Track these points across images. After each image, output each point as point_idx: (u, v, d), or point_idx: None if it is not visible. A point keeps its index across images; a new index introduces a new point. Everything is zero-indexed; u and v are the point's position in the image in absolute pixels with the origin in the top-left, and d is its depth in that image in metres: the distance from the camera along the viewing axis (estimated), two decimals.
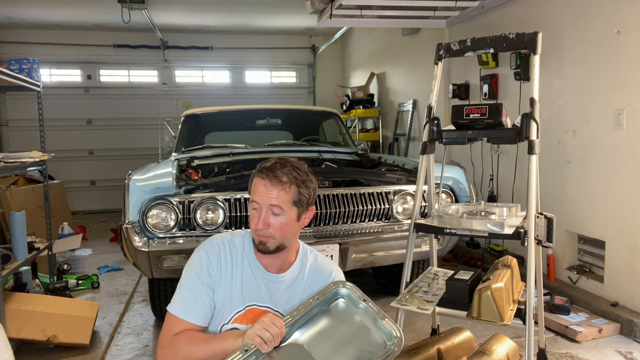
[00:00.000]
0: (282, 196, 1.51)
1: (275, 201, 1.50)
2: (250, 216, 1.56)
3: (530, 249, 1.94)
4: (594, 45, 3.57)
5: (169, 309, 1.55)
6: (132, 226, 2.84)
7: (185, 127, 4.56)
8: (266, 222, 1.51)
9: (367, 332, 1.53)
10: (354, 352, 1.48)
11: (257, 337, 1.38)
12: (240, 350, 1.36)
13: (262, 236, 1.53)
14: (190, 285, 1.55)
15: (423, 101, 6.33)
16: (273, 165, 1.53)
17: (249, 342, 1.39)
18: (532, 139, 1.99)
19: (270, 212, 1.51)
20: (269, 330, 1.39)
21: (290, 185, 1.52)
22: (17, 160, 3.35)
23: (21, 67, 3.82)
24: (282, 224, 1.53)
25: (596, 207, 3.60)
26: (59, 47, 8.58)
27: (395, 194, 3.28)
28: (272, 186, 1.51)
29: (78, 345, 3.16)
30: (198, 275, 1.56)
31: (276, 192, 1.50)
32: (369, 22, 5.50)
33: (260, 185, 1.52)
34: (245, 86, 9.66)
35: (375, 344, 1.50)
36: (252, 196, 1.55)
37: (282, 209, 1.52)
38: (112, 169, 8.62)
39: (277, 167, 1.53)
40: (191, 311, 1.53)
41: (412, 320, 3.39)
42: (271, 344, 1.39)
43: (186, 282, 1.57)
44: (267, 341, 1.38)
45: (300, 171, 1.55)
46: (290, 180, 1.52)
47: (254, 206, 1.54)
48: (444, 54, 2.30)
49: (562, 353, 2.96)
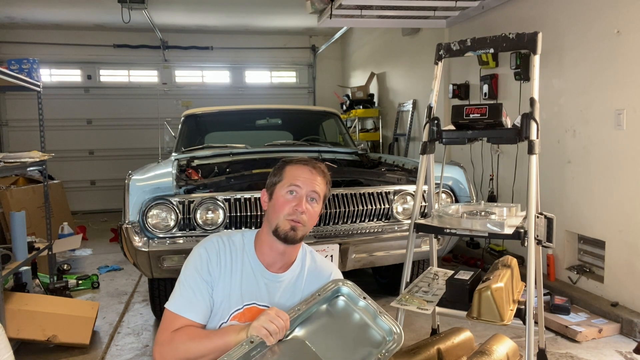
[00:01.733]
0: (322, 185, 1.61)
1: (317, 187, 1.59)
2: (283, 201, 1.57)
3: (530, 249, 1.94)
4: (594, 45, 3.57)
5: (167, 306, 1.54)
6: (132, 226, 2.84)
7: (185, 127, 4.56)
8: (305, 207, 1.56)
9: (367, 329, 1.54)
10: (354, 349, 1.49)
11: (263, 328, 1.38)
12: (246, 342, 1.36)
13: (296, 221, 1.55)
14: (189, 282, 1.55)
15: (423, 101, 6.33)
16: (310, 159, 1.65)
17: (255, 333, 1.39)
18: (532, 139, 1.99)
19: (309, 198, 1.58)
20: (275, 323, 1.39)
21: (325, 179, 1.63)
22: (17, 160, 3.35)
23: (21, 67, 3.82)
24: (314, 213, 1.60)
25: (596, 207, 3.60)
26: (59, 47, 8.58)
27: (395, 194, 3.28)
28: (316, 173, 1.60)
29: (78, 345, 3.16)
30: (198, 272, 1.55)
31: (319, 179, 1.60)
32: (369, 22, 5.50)
33: (304, 170, 1.59)
34: (245, 86, 9.66)
35: (375, 340, 1.51)
36: (291, 180, 1.57)
37: (320, 196, 1.60)
38: (112, 169, 8.62)
39: (314, 161, 1.65)
40: (191, 308, 1.52)
41: (412, 320, 3.39)
42: (276, 336, 1.39)
43: (185, 279, 1.56)
44: (272, 333, 1.38)
45: (328, 174, 1.67)
46: (326, 175, 1.64)
47: (292, 190, 1.57)
48: (444, 54, 2.30)
49: (562, 353, 2.96)
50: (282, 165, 1.64)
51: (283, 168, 1.62)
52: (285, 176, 1.59)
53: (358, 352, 1.47)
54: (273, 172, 1.65)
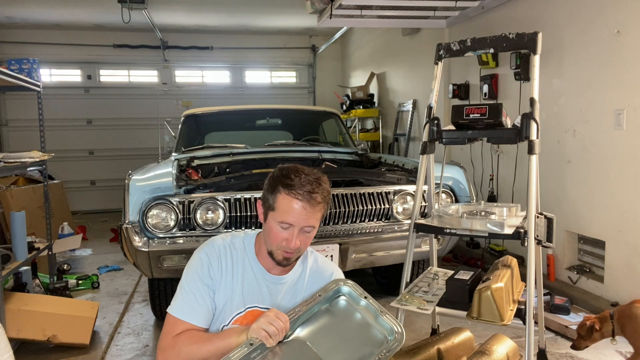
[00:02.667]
0: (317, 216, 1.54)
1: (312, 221, 1.52)
2: (275, 233, 1.51)
3: (530, 249, 1.94)
4: (594, 45, 3.57)
5: (170, 310, 1.54)
6: (132, 226, 2.84)
7: (185, 127, 4.56)
8: (298, 242, 1.51)
9: (368, 328, 1.54)
10: (355, 348, 1.48)
11: (263, 330, 1.38)
12: (245, 344, 1.36)
13: (289, 252, 1.53)
14: (191, 286, 1.55)
15: (423, 101, 6.33)
16: (308, 187, 1.49)
17: (254, 335, 1.39)
18: (532, 139, 1.99)
19: (302, 232, 1.52)
20: (274, 325, 1.39)
21: (323, 205, 1.55)
22: (17, 160, 3.35)
23: (21, 67, 3.82)
24: (310, 239, 1.57)
25: (596, 207, 3.60)
26: (59, 47, 8.58)
27: (395, 194, 3.28)
28: (310, 208, 1.49)
29: (78, 345, 3.16)
30: (199, 277, 1.55)
31: (315, 215, 1.52)
32: (369, 22, 5.50)
33: (296, 206, 1.48)
34: (245, 86, 9.66)
35: (376, 339, 1.51)
36: (282, 216, 1.48)
37: (314, 227, 1.55)
38: (112, 169, 8.62)
39: (314, 189, 1.49)
40: (193, 312, 1.52)
41: (412, 320, 3.39)
42: (276, 338, 1.39)
43: (187, 284, 1.56)
44: (272, 335, 1.38)
45: (328, 190, 1.56)
46: (323, 200, 1.53)
47: (283, 226, 1.50)
48: (444, 54, 2.30)
49: (562, 353, 2.96)
50: (275, 185, 1.50)
51: (277, 192, 1.49)
52: (278, 206, 1.49)
53: (359, 351, 1.47)
54: (267, 187, 1.54)
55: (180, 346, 1.46)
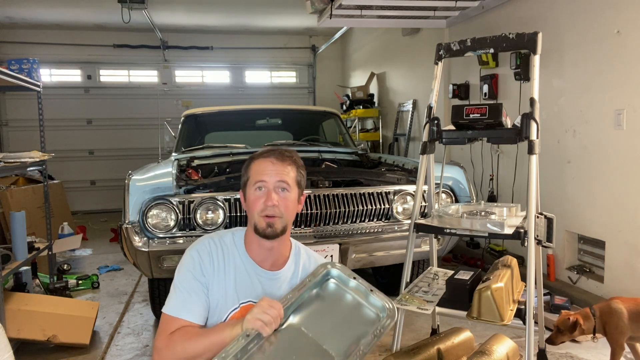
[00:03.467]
0: (289, 173, 1.57)
1: (284, 177, 1.55)
2: (254, 199, 1.55)
3: (530, 249, 1.94)
4: (594, 45, 3.57)
5: (164, 310, 1.53)
6: (132, 226, 2.84)
7: (185, 127, 4.56)
8: (275, 198, 1.53)
9: (360, 308, 1.55)
10: (350, 329, 1.49)
11: (258, 320, 1.38)
12: (242, 336, 1.36)
13: (270, 216, 1.53)
14: (184, 284, 1.54)
15: (423, 101, 6.33)
16: (274, 148, 1.61)
17: (249, 326, 1.38)
18: (532, 139, 1.99)
19: (278, 189, 1.55)
20: (269, 313, 1.39)
21: (293, 165, 1.59)
22: (17, 160, 3.35)
23: (21, 67, 3.82)
24: (289, 201, 1.57)
25: (596, 207, 3.60)
26: (59, 47, 8.59)
27: (395, 194, 3.28)
28: (280, 163, 1.56)
29: (78, 345, 3.16)
30: (191, 274, 1.55)
31: (285, 168, 1.57)
32: (369, 22, 5.50)
33: (267, 163, 1.56)
34: (245, 86, 9.66)
35: (369, 318, 1.52)
36: (255, 177, 1.55)
37: (289, 184, 1.56)
38: (112, 169, 8.62)
39: (278, 149, 1.60)
40: (187, 309, 1.51)
41: (412, 320, 3.38)
42: (271, 326, 1.39)
43: (180, 282, 1.55)
44: (267, 324, 1.38)
45: (297, 155, 1.64)
46: (293, 160, 1.60)
47: (259, 186, 1.55)
48: (444, 54, 2.30)
49: (562, 353, 2.96)
50: (248, 162, 1.62)
51: (249, 165, 1.60)
52: (251, 173, 1.58)
53: (354, 331, 1.47)
54: (242, 171, 1.64)
55: (175, 343, 1.44)
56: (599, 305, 2.48)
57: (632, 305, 2.41)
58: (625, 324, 2.37)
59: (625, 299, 2.48)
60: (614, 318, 2.38)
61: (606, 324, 2.41)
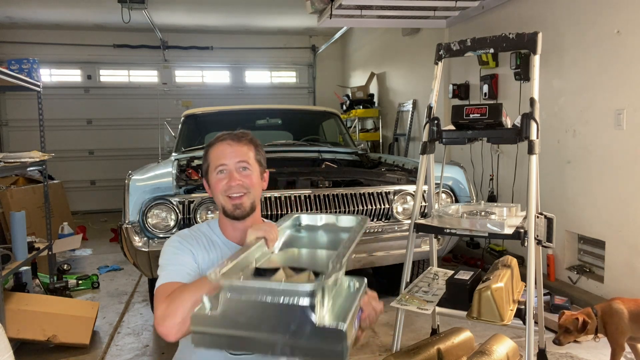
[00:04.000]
0: (247, 152, 1.58)
1: (243, 157, 1.56)
2: (216, 182, 1.55)
3: (530, 249, 1.94)
4: (594, 45, 3.57)
5: (157, 285, 1.43)
6: (132, 226, 2.84)
7: (185, 127, 4.56)
8: (237, 177, 1.54)
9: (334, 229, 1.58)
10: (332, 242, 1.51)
11: (260, 230, 1.38)
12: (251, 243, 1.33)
13: (236, 196, 1.53)
14: (171, 259, 1.49)
15: (423, 101, 6.33)
16: (227, 133, 1.61)
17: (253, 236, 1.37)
18: (532, 139, 1.99)
19: (239, 169, 1.55)
20: (271, 231, 1.40)
21: (250, 144, 1.60)
22: (17, 160, 3.35)
23: (21, 67, 3.82)
24: (252, 178, 1.57)
25: (596, 207, 3.60)
26: (59, 47, 8.58)
27: (395, 194, 3.28)
28: (237, 144, 1.57)
29: (78, 345, 3.16)
30: (178, 249, 1.51)
31: (242, 148, 1.57)
32: (369, 22, 5.50)
33: (224, 146, 1.56)
34: (245, 86, 9.66)
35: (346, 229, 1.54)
36: (215, 162, 1.55)
37: (249, 163, 1.57)
38: (112, 169, 8.62)
39: (231, 132, 1.61)
40: (180, 274, 1.43)
41: (412, 320, 3.38)
42: (272, 244, 1.39)
43: (167, 260, 1.49)
44: (268, 234, 1.38)
45: (252, 135, 1.65)
46: (249, 140, 1.61)
47: (220, 169, 1.55)
48: (444, 54, 2.30)
49: (562, 353, 2.95)
50: (206, 150, 1.62)
51: (207, 152, 1.61)
52: (211, 159, 1.58)
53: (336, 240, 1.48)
54: (202, 158, 1.64)
55: (171, 301, 1.30)
56: (601, 306, 2.48)
57: (632, 306, 2.42)
58: (626, 324, 2.38)
59: (626, 300, 2.48)
60: (614, 318, 2.39)
61: (607, 324, 2.41)
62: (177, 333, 1.27)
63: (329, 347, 1.00)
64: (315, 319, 1.00)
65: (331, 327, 1.00)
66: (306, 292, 1.00)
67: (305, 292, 1.00)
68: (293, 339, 1.01)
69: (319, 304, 1.02)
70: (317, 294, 1.00)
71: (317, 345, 1.01)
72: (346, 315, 1.09)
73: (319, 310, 1.02)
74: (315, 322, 1.00)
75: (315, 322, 1.00)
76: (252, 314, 1.03)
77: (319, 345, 1.00)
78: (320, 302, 1.02)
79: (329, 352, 1.00)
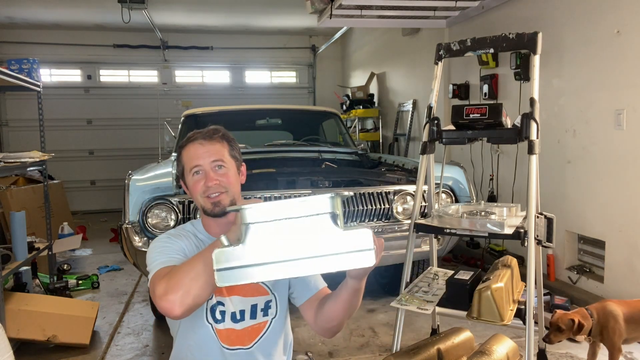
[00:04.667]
0: (221, 150, 1.54)
1: (217, 155, 1.52)
2: (194, 184, 1.52)
3: (530, 249, 1.94)
4: (594, 45, 3.57)
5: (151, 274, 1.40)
6: (132, 226, 2.84)
7: (185, 127, 4.56)
8: (214, 177, 1.50)
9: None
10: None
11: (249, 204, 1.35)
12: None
13: (214, 196, 1.50)
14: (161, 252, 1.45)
15: (423, 101, 6.33)
16: (198, 131, 1.57)
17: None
18: (532, 139, 1.99)
19: (215, 168, 1.52)
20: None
21: (222, 141, 1.56)
22: (17, 160, 3.35)
23: (21, 67, 3.82)
24: (230, 176, 1.54)
25: (596, 207, 3.60)
26: (59, 47, 8.59)
27: (395, 194, 3.28)
28: (209, 143, 1.53)
29: (78, 345, 3.16)
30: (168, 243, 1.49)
31: (215, 147, 1.53)
32: (369, 22, 5.50)
33: (196, 147, 1.53)
34: (245, 86, 9.66)
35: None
36: (190, 163, 1.52)
37: (224, 161, 1.54)
38: (112, 169, 8.61)
39: (202, 131, 1.57)
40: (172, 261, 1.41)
41: (412, 320, 3.38)
42: None
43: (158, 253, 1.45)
44: None
45: (224, 130, 1.61)
46: (221, 136, 1.57)
47: (195, 171, 1.52)
48: (444, 54, 2.30)
49: (562, 353, 2.96)
50: (179, 152, 1.59)
51: (180, 154, 1.58)
52: (185, 161, 1.55)
53: None
54: (176, 161, 1.61)
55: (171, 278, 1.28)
56: (595, 307, 2.47)
57: (626, 308, 2.41)
58: (622, 327, 2.38)
59: (619, 302, 2.48)
60: (610, 321, 2.39)
61: (603, 327, 2.40)
62: (182, 305, 1.24)
63: (360, 250, 1.02)
64: (340, 227, 1.02)
65: (357, 231, 1.02)
66: (328, 199, 1.01)
67: (328, 199, 1.01)
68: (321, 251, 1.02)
69: (340, 212, 1.04)
70: (337, 203, 1.02)
71: (347, 250, 1.02)
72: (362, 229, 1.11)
73: (341, 218, 1.04)
74: (340, 230, 1.02)
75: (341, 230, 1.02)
76: (276, 237, 1.04)
77: (348, 250, 1.02)
78: (341, 211, 1.05)
79: (360, 255, 1.02)
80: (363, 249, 1.02)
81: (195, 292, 1.25)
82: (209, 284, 1.25)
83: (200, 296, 1.27)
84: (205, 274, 1.25)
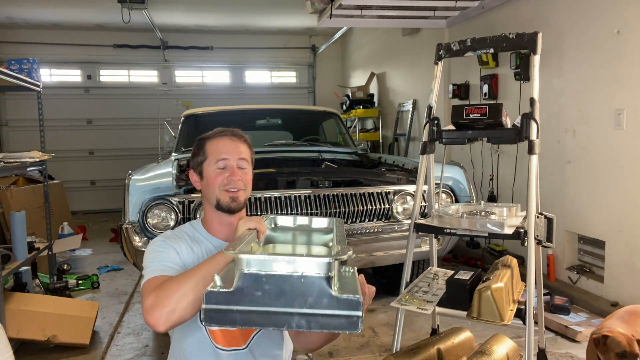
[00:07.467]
0: (246, 150, 1.60)
1: (244, 154, 1.58)
2: (214, 177, 1.53)
3: (530, 249, 1.94)
4: (594, 45, 3.57)
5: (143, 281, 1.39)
6: (132, 226, 2.84)
7: (185, 127, 4.56)
8: (239, 173, 1.54)
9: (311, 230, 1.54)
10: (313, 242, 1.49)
11: (251, 221, 1.36)
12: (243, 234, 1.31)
13: (234, 190, 1.52)
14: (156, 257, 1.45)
15: (423, 101, 6.33)
16: (225, 129, 1.62)
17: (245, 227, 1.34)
18: (532, 139, 1.99)
19: (239, 165, 1.56)
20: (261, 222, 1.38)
21: (246, 143, 1.62)
22: (17, 160, 3.35)
23: (21, 67, 3.82)
24: (248, 176, 1.59)
25: (596, 207, 3.60)
26: (59, 47, 8.58)
27: (395, 194, 3.28)
28: (238, 141, 1.59)
29: (78, 345, 3.16)
30: (163, 247, 1.48)
31: (243, 146, 1.59)
32: (369, 22, 5.50)
33: (227, 141, 1.57)
34: (245, 86, 9.66)
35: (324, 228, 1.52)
36: (216, 155, 1.55)
37: (248, 162, 1.59)
38: (112, 169, 8.61)
39: (229, 129, 1.62)
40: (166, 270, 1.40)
41: (412, 320, 3.39)
42: (262, 235, 1.38)
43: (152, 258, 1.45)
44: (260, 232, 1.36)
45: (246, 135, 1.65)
46: (245, 140, 1.63)
47: (220, 165, 1.54)
48: (444, 54, 2.30)
49: (562, 353, 2.96)
50: (201, 143, 1.62)
51: (203, 145, 1.60)
52: (209, 153, 1.57)
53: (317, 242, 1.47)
54: (194, 151, 1.63)
55: (160, 291, 1.28)
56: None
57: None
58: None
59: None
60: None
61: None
62: (166, 323, 1.26)
63: (346, 316, 1.03)
64: (332, 291, 1.02)
65: (348, 297, 1.02)
66: (325, 263, 1.02)
67: (324, 263, 1.02)
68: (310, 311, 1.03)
69: (335, 276, 1.04)
70: (333, 267, 1.03)
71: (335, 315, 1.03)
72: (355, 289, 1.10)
73: (336, 281, 1.04)
74: (332, 294, 1.02)
75: (332, 294, 1.02)
76: (267, 288, 1.04)
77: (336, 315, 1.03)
78: (336, 274, 1.05)
79: (346, 321, 1.03)
80: (351, 315, 1.02)
81: (182, 311, 1.27)
82: (196, 303, 1.26)
83: (186, 314, 1.28)
84: (193, 293, 1.26)
